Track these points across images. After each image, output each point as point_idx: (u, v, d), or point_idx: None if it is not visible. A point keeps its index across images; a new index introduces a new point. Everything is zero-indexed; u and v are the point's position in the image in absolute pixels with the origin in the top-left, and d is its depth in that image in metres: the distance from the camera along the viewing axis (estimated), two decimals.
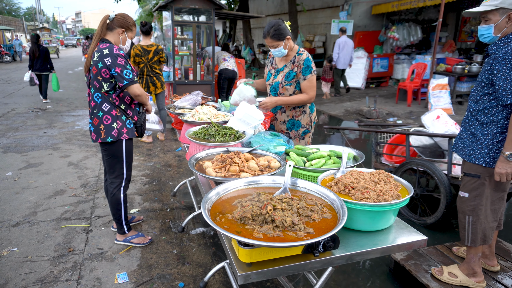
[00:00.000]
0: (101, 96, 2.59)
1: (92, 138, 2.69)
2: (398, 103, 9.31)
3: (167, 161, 5.13)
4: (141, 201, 3.87)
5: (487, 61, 2.16)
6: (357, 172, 1.75)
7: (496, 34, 2.10)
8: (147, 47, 5.44)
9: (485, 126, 2.18)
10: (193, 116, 2.79)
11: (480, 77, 2.22)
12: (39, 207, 3.66)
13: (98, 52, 2.50)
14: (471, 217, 2.30)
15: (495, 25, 2.07)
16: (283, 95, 2.89)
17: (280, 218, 1.33)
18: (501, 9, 2.03)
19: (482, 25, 2.14)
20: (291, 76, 2.82)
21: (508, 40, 2.06)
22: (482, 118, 2.19)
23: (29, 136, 6.26)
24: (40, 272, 2.64)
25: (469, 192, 2.30)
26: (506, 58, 2.00)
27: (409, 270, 2.57)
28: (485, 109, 2.17)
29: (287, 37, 2.71)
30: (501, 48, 2.06)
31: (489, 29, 2.10)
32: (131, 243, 2.98)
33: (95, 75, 2.54)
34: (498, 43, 2.10)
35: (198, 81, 7.05)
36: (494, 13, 2.06)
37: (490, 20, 2.08)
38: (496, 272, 2.52)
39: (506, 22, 2.05)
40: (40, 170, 4.65)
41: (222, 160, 1.95)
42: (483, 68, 2.19)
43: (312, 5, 15.48)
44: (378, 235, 1.57)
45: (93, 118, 2.65)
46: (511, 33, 2.07)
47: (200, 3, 6.64)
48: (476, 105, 2.22)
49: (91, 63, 2.54)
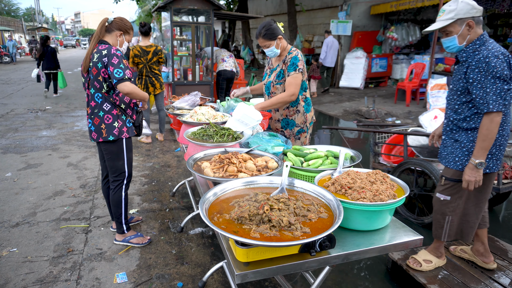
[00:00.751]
0: (101, 96, 2.63)
1: (92, 138, 2.72)
2: (396, 103, 9.33)
3: (166, 161, 5.14)
4: (140, 201, 3.88)
5: (459, 69, 2.17)
6: (353, 172, 1.76)
7: (461, 43, 2.11)
8: (146, 47, 5.46)
9: (469, 132, 2.19)
10: (192, 116, 2.81)
11: (454, 86, 2.22)
12: (38, 207, 3.67)
13: (97, 53, 2.54)
14: (451, 217, 2.35)
15: (457, 36, 2.09)
16: (274, 94, 2.96)
17: (276, 218, 1.35)
18: (458, 20, 2.05)
19: (445, 38, 2.14)
20: (282, 75, 2.88)
21: (476, 46, 2.08)
22: (465, 125, 2.20)
23: (29, 137, 6.27)
24: (39, 272, 2.65)
25: (451, 195, 2.33)
26: (480, 65, 2.01)
27: (407, 269, 2.58)
28: (466, 117, 2.18)
29: (278, 36, 2.77)
30: (472, 55, 2.08)
31: (453, 41, 2.12)
32: (130, 243, 2.99)
33: (95, 75, 2.57)
34: (467, 50, 2.12)
35: (197, 82, 7.06)
36: (453, 26, 2.08)
37: (451, 33, 2.10)
38: (493, 270, 2.54)
39: (468, 30, 2.07)
40: (39, 171, 4.66)
41: (220, 160, 1.97)
42: (456, 77, 2.20)
43: (311, 5, 15.50)
44: (374, 235, 1.58)
45: (93, 118, 2.67)
46: (477, 38, 2.09)
47: (199, 4, 6.66)
48: (456, 114, 2.23)
49: (91, 64, 2.56)
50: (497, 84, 1.97)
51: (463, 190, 2.27)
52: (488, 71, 1.97)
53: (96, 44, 2.59)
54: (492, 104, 1.99)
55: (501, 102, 1.98)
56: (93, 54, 2.55)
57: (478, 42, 2.08)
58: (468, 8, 2.04)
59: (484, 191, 2.31)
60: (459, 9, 2.03)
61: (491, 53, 1.98)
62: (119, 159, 2.78)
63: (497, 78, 1.97)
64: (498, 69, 1.96)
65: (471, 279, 2.44)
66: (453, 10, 2.04)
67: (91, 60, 2.56)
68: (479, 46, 2.07)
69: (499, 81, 1.97)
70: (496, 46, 2.03)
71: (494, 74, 1.97)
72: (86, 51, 2.62)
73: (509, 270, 2.55)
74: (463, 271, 2.53)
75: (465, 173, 2.14)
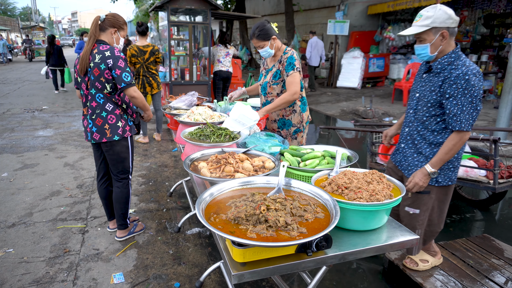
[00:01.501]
0: (103, 96, 2.63)
1: (94, 139, 2.70)
2: (394, 102, 9.36)
3: (163, 161, 5.13)
4: (137, 201, 3.87)
5: (432, 80, 2.10)
6: (350, 172, 1.77)
7: (433, 52, 2.06)
8: (143, 47, 5.44)
9: (434, 147, 2.16)
10: (189, 116, 2.81)
11: (425, 96, 2.14)
12: (35, 208, 3.66)
13: (99, 54, 2.52)
14: (421, 229, 2.37)
15: (430, 44, 2.04)
16: (270, 94, 2.98)
17: (273, 218, 1.35)
18: (433, 29, 2.00)
19: (418, 44, 2.10)
20: (278, 76, 2.88)
21: (451, 60, 2.03)
22: (432, 139, 2.16)
23: (25, 136, 6.25)
24: (36, 273, 2.64)
25: (420, 208, 2.31)
26: (458, 82, 1.95)
27: (403, 269, 2.59)
28: (434, 131, 2.14)
29: (272, 37, 2.78)
30: (447, 68, 2.03)
31: (425, 49, 2.06)
32: (134, 233, 3.14)
33: (97, 76, 2.56)
34: (442, 61, 2.07)
35: (195, 82, 7.05)
36: (427, 33, 2.02)
37: (425, 40, 2.04)
38: (487, 269, 2.55)
39: (441, 40, 2.01)
40: (36, 171, 4.64)
41: (217, 160, 1.97)
42: (428, 87, 2.12)
43: (309, 5, 15.51)
44: (371, 235, 1.59)
45: (95, 118, 2.66)
46: (452, 51, 2.04)
47: (196, 4, 6.65)
48: (423, 126, 2.18)
49: (91, 65, 2.55)
50: (473, 104, 1.95)
51: (430, 202, 2.27)
52: (467, 89, 1.94)
53: (95, 44, 2.57)
54: (465, 123, 1.97)
55: (471, 122, 1.98)
56: (94, 55, 2.53)
57: (454, 55, 2.03)
58: (445, 17, 1.97)
59: (447, 202, 2.34)
60: (436, 17, 1.97)
61: (470, 71, 1.94)
62: (125, 157, 2.83)
63: (475, 97, 1.94)
64: (476, 88, 1.93)
65: (467, 278, 2.46)
66: (430, 17, 1.99)
67: (91, 61, 2.54)
68: (455, 60, 2.03)
69: (475, 101, 1.95)
70: (472, 63, 2.00)
71: (472, 93, 1.94)
72: (83, 51, 2.60)
73: (504, 269, 2.56)
74: (459, 270, 2.55)
75: (416, 176, 2.13)
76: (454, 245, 2.87)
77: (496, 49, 11.04)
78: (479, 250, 2.80)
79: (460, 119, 1.98)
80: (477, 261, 2.66)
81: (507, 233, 3.42)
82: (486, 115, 7.90)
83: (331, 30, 11.49)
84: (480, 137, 3.19)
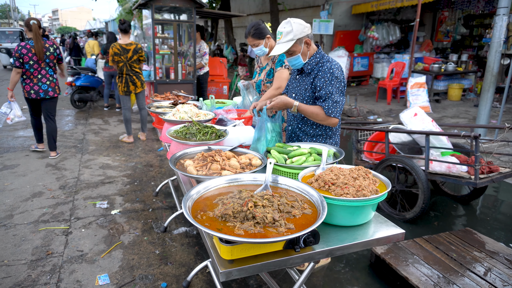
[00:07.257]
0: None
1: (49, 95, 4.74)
2: (378, 101, 9.49)
3: (148, 161, 5.07)
4: (122, 201, 3.81)
5: (305, 80, 2.34)
6: (336, 169, 1.78)
7: (305, 59, 2.30)
8: (126, 45, 5.36)
9: (315, 139, 2.42)
10: (174, 115, 2.77)
11: (301, 95, 2.36)
12: (15, 210, 3.55)
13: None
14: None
15: (301, 54, 2.25)
16: (264, 92, 3.06)
17: (261, 214, 1.34)
18: (298, 40, 2.20)
19: (290, 57, 2.29)
20: (272, 74, 3.01)
21: (317, 60, 2.30)
22: (311, 132, 2.41)
23: (4, 137, 6.06)
24: (17, 276, 2.57)
25: None
26: (325, 75, 2.22)
27: (389, 263, 2.63)
28: (313, 125, 2.40)
29: (267, 36, 2.93)
30: (316, 67, 2.29)
31: (297, 59, 2.27)
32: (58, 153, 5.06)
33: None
34: (311, 62, 2.31)
35: (180, 80, 6.98)
36: (295, 45, 2.22)
37: (294, 52, 2.25)
38: (470, 262, 2.61)
39: (307, 47, 2.26)
40: (16, 172, 4.51)
41: (203, 158, 1.95)
42: (303, 86, 2.35)
43: (294, 4, 15.56)
44: (358, 230, 1.60)
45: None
46: (316, 52, 2.31)
47: (180, 2, 6.58)
48: (303, 122, 2.42)
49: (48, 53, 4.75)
50: (339, 90, 2.22)
51: None
52: (333, 80, 2.21)
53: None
54: (332, 109, 2.20)
55: (339, 110, 2.22)
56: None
57: (318, 56, 2.30)
58: (301, 28, 2.18)
59: None
60: (295, 30, 2.16)
61: (333, 66, 2.24)
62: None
63: (339, 82, 2.22)
64: (339, 79, 2.22)
65: (450, 271, 2.51)
66: (290, 31, 2.16)
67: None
68: (320, 59, 2.29)
69: (338, 84, 2.22)
70: (333, 60, 2.29)
71: (336, 82, 2.21)
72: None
73: (485, 261, 2.63)
74: (443, 263, 2.60)
75: (283, 99, 2.26)
76: (438, 239, 2.93)
77: (476, 48, 11.32)
78: (462, 244, 2.87)
79: (327, 105, 2.20)
80: (460, 254, 2.73)
81: (487, 227, 3.52)
82: (466, 113, 8.09)
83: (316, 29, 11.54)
84: (462, 134, 3.27)
